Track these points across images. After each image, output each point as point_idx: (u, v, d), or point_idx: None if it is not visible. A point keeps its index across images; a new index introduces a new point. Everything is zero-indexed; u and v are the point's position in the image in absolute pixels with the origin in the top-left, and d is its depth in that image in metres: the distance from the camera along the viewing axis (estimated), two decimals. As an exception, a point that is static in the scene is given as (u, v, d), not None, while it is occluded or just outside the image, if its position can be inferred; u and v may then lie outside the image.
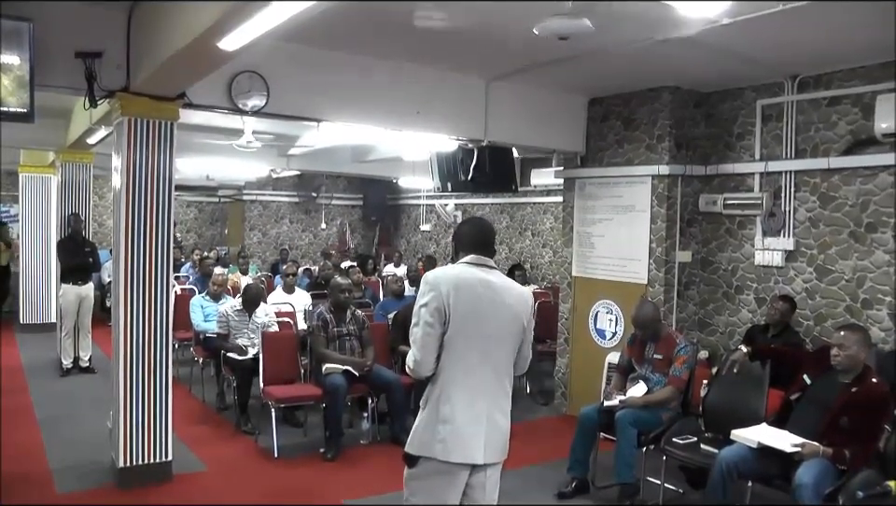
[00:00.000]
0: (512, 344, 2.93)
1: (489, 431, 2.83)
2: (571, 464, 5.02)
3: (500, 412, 2.90)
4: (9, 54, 4.03)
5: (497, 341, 2.87)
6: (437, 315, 2.77)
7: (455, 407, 2.79)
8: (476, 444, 2.80)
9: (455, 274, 2.88)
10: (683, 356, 4.93)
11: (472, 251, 2.93)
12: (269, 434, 5.82)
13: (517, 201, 11.73)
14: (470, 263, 2.91)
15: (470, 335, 2.81)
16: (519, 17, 4.26)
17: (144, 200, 4.86)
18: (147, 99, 4.74)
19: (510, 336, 2.91)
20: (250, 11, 3.12)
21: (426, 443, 2.81)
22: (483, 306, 2.83)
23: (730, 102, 6.33)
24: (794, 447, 3.87)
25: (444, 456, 2.77)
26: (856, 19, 4.28)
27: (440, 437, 2.78)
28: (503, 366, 2.92)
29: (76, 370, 8.30)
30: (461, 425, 2.79)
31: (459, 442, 2.78)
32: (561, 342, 7.38)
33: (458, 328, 2.79)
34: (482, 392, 2.84)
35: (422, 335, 2.80)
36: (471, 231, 3.01)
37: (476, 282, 2.85)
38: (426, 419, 2.84)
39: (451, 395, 2.80)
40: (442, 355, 2.81)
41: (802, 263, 5.80)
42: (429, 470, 2.81)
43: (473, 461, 2.81)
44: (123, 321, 4.85)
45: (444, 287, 2.79)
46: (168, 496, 4.86)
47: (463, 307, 2.79)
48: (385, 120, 5.87)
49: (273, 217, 15.40)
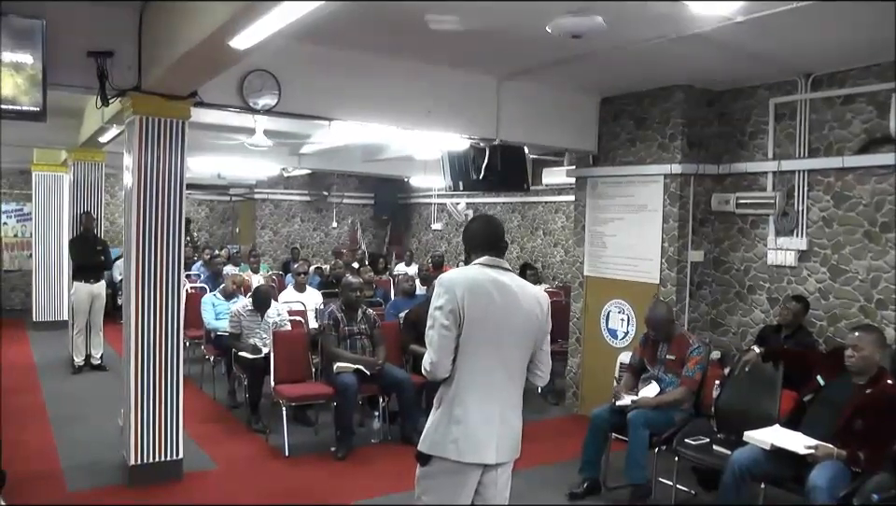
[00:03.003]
0: (527, 346, 2.93)
1: (502, 432, 2.84)
2: (583, 464, 5.00)
3: (513, 412, 2.90)
4: (22, 53, 4.04)
5: (511, 343, 2.87)
6: (452, 317, 2.77)
7: (469, 408, 2.79)
8: (489, 445, 2.80)
9: (470, 276, 2.87)
10: (696, 356, 4.91)
11: (485, 252, 2.93)
12: (280, 433, 5.83)
13: (528, 200, 11.70)
14: (484, 265, 2.90)
15: (485, 337, 2.81)
16: (531, 16, 4.24)
17: (155, 198, 4.87)
18: (158, 98, 4.74)
19: (524, 338, 2.90)
20: (262, 10, 3.12)
21: (438, 443, 2.81)
22: (496, 309, 2.82)
23: (743, 100, 6.28)
24: (808, 449, 3.84)
25: (457, 456, 2.78)
26: (870, 16, 4.23)
27: (452, 437, 2.78)
28: (517, 368, 2.92)
29: (87, 367, 8.35)
30: (474, 426, 2.79)
31: (472, 442, 2.78)
32: (573, 341, 7.36)
33: (473, 330, 2.78)
34: (495, 393, 2.85)
35: (438, 338, 2.79)
36: (482, 230, 3.01)
37: (490, 284, 2.84)
38: (438, 419, 2.85)
39: (464, 396, 2.80)
40: (457, 356, 2.81)
41: (815, 263, 5.75)
42: (442, 470, 2.82)
43: (485, 461, 2.81)
44: (135, 319, 4.86)
45: (459, 289, 2.79)
46: (178, 494, 4.87)
47: (477, 310, 2.78)
48: (397, 120, 5.86)
49: (284, 215, 15.44)
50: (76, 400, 7.14)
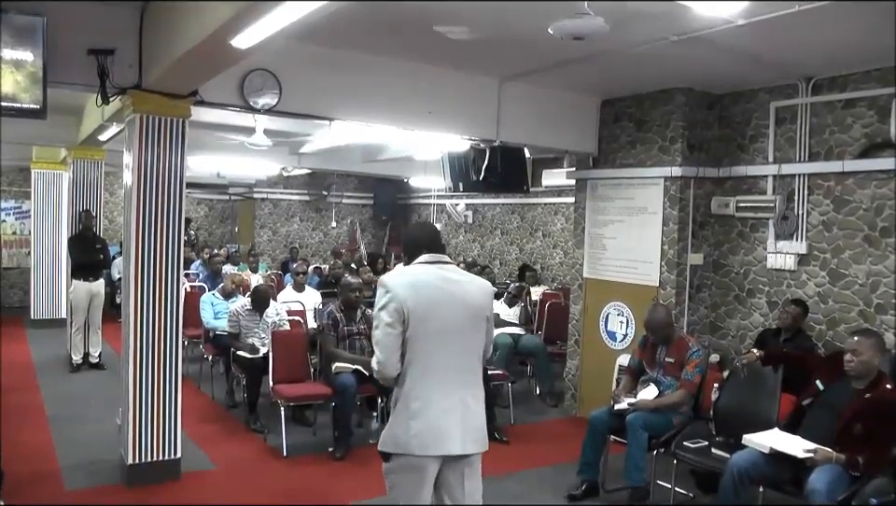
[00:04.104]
0: (477, 335, 3.00)
1: (465, 420, 2.90)
2: (581, 467, 5.00)
3: (474, 399, 2.96)
4: (23, 50, 4.04)
5: (461, 333, 2.94)
6: (395, 315, 2.84)
7: (426, 401, 2.85)
8: (452, 436, 2.86)
9: (411, 273, 2.98)
10: (695, 359, 4.90)
11: (426, 251, 3.02)
12: (278, 433, 5.82)
13: (528, 201, 11.70)
14: (426, 262, 2.99)
15: (432, 331, 2.87)
16: (533, 17, 4.24)
17: (155, 197, 4.87)
18: (159, 96, 4.74)
19: (472, 327, 2.98)
20: (264, 10, 3.12)
21: (400, 439, 2.86)
22: (442, 301, 2.90)
23: (743, 103, 6.28)
24: (807, 453, 3.84)
25: (421, 450, 2.84)
26: (872, 20, 4.23)
27: (413, 432, 2.83)
28: (470, 357, 2.98)
29: (85, 366, 8.35)
30: (435, 417, 2.85)
31: (434, 435, 2.84)
32: (571, 343, 7.36)
33: (419, 325, 2.85)
34: (451, 385, 2.91)
35: (383, 336, 2.86)
36: (420, 234, 3.17)
37: (433, 278, 2.93)
38: (396, 418, 2.90)
39: (420, 391, 2.86)
40: (406, 353, 2.86)
41: (815, 267, 5.75)
42: (404, 465, 2.88)
43: (451, 452, 2.86)
44: (133, 318, 4.85)
45: (400, 288, 2.87)
46: (176, 494, 4.86)
47: (422, 304, 2.86)
48: (398, 120, 5.86)
49: (283, 215, 15.42)
50: (74, 399, 7.12)
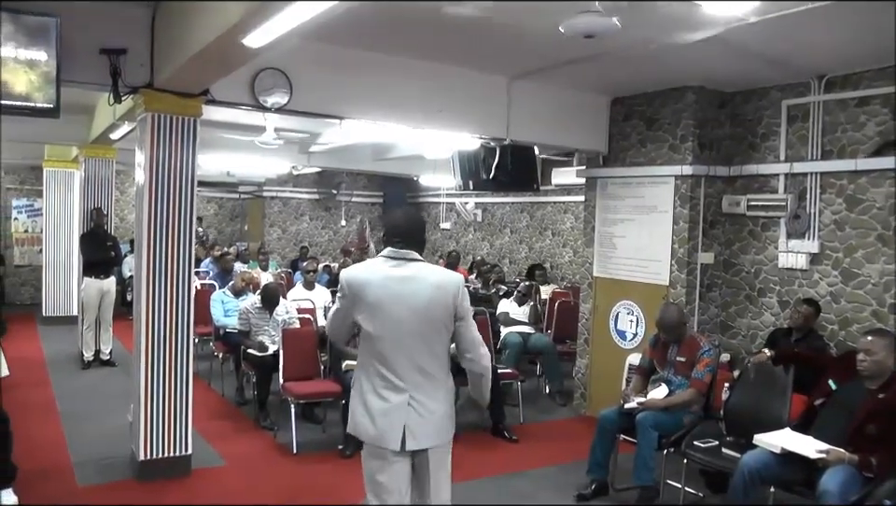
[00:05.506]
0: (435, 332, 2.98)
1: (412, 419, 2.92)
2: (591, 466, 4.99)
3: (426, 397, 2.97)
4: (36, 50, 4.07)
5: (414, 331, 2.94)
6: (345, 301, 3.01)
7: (372, 399, 2.95)
8: (394, 435, 2.90)
9: (368, 269, 3.05)
10: (707, 358, 4.88)
11: (389, 244, 3.05)
12: (288, 430, 5.84)
13: (537, 200, 11.68)
14: (386, 257, 3.03)
15: (383, 328, 2.93)
16: (544, 15, 4.23)
17: (166, 195, 4.89)
18: (170, 95, 4.76)
19: (429, 325, 2.96)
20: (275, 9, 3.13)
21: (358, 426, 3.00)
22: (393, 299, 2.93)
23: (755, 102, 6.25)
24: (819, 453, 3.81)
25: (372, 441, 2.95)
26: (885, 17, 4.19)
27: (365, 423, 2.95)
28: (422, 356, 2.97)
29: (96, 363, 8.40)
30: (377, 416, 2.93)
31: (378, 431, 2.92)
32: (581, 342, 7.34)
33: (371, 322, 2.94)
34: (400, 383, 2.94)
35: (333, 312, 3.19)
36: (394, 224, 3.12)
37: (384, 276, 2.97)
38: (353, 404, 3.04)
39: (367, 388, 2.98)
40: (360, 348, 3.04)
41: (827, 266, 5.72)
42: (368, 451, 3.01)
43: (394, 448, 2.91)
44: (145, 315, 4.88)
45: (354, 284, 2.98)
46: (187, 490, 4.89)
47: (372, 300, 2.93)
48: (408, 118, 5.85)
49: (293, 213, 15.46)
50: (85, 396, 7.17)
